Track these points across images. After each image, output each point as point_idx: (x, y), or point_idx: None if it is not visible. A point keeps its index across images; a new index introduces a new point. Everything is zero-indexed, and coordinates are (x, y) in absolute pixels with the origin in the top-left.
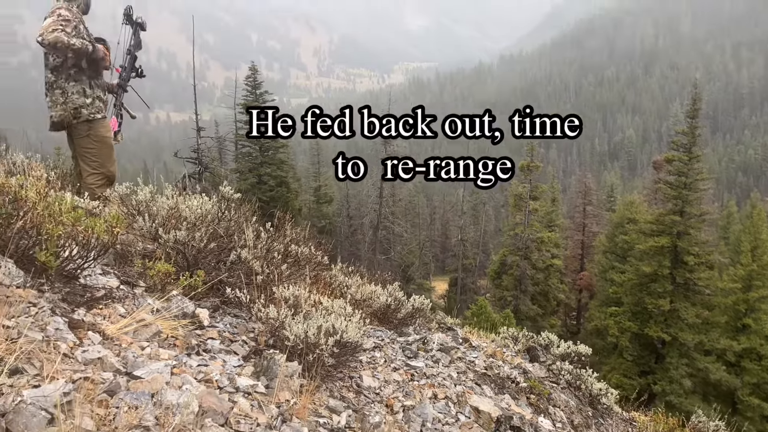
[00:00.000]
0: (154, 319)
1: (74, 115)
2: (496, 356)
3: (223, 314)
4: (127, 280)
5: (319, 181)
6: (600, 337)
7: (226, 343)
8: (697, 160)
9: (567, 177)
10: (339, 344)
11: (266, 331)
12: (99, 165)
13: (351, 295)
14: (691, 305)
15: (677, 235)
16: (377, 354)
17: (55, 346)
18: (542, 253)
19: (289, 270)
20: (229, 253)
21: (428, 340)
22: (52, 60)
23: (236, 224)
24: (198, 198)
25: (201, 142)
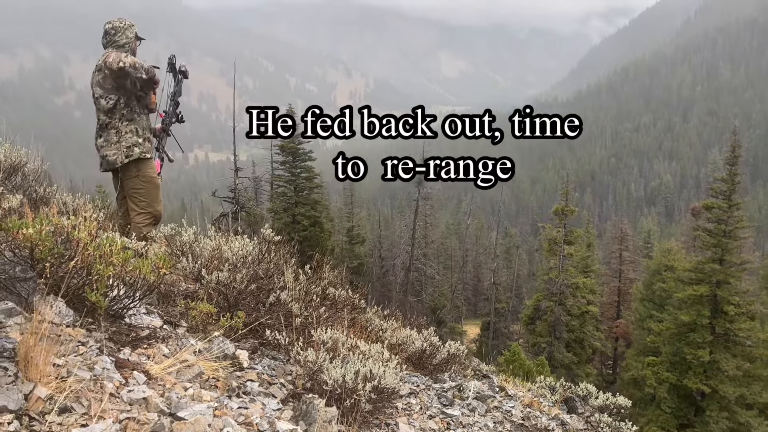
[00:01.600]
0: (197, 360)
1: (127, 154)
2: (533, 406)
3: (262, 356)
4: (169, 320)
5: (352, 222)
6: (637, 388)
7: (264, 385)
8: (737, 208)
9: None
10: (376, 390)
11: (304, 375)
12: (147, 204)
13: (387, 340)
14: (731, 356)
15: (717, 284)
16: (413, 400)
17: (102, 385)
18: (577, 299)
19: (327, 313)
20: (268, 294)
21: (464, 388)
22: (105, 103)
23: (276, 266)
24: (240, 240)
25: (238, 182)
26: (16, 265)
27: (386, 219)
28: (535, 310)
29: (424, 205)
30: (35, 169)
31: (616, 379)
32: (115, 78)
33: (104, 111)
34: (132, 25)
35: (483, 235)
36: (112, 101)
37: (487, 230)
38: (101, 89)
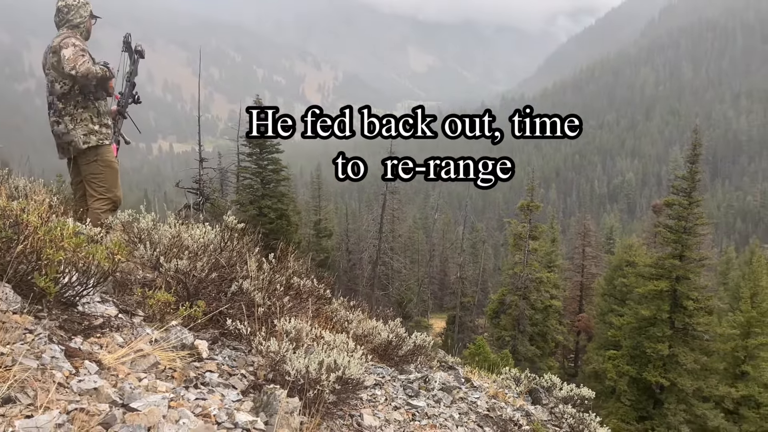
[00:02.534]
0: (152, 350)
1: (84, 141)
2: (498, 397)
3: (223, 346)
4: (125, 309)
5: (320, 215)
6: (598, 381)
7: (224, 376)
8: (696, 205)
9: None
10: (340, 381)
11: (266, 365)
12: (106, 190)
13: (352, 330)
14: (689, 350)
15: (676, 280)
16: (378, 392)
17: (51, 374)
18: (541, 293)
19: (291, 303)
20: (230, 283)
21: (430, 379)
22: (59, 87)
23: (239, 254)
24: (201, 227)
25: (203, 173)
26: None
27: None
28: (500, 304)
29: (391, 199)
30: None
31: (578, 372)
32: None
33: (58, 96)
34: (87, 2)
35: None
36: (66, 86)
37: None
38: (56, 73)
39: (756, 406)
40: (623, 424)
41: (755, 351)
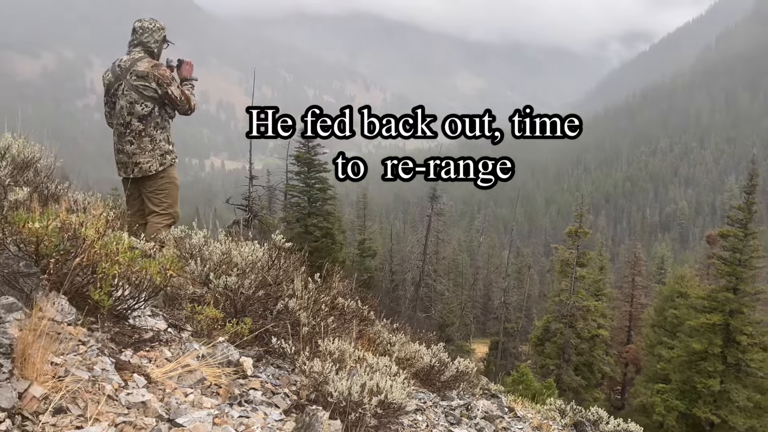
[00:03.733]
0: (199, 366)
1: (161, 162)
2: (542, 429)
3: (267, 364)
4: (174, 323)
5: (364, 234)
6: (645, 415)
7: (268, 394)
8: (753, 237)
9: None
10: (382, 405)
11: (309, 385)
12: (168, 206)
13: (395, 354)
14: (742, 387)
15: (730, 313)
16: (419, 417)
17: (101, 386)
18: (588, 322)
19: (335, 323)
20: (276, 302)
21: (472, 407)
22: (141, 109)
23: (285, 273)
24: (250, 245)
25: (252, 190)
26: (20, 260)
27: (398, 233)
28: (545, 332)
29: (436, 220)
30: (48, 165)
31: (625, 405)
32: (161, 95)
33: (138, 117)
34: (162, 28)
35: (495, 253)
36: (148, 108)
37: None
38: (137, 95)
39: None
40: None
41: None
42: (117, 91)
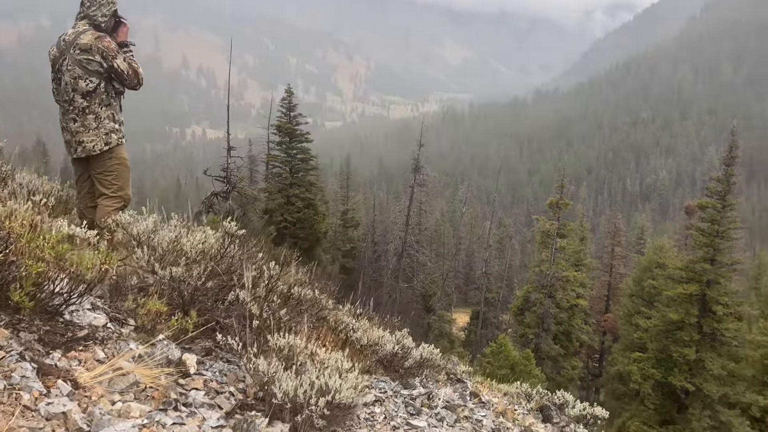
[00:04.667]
0: (134, 367)
1: (106, 141)
2: (506, 415)
3: (215, 359)
4: (116, 317)
5: (347, 205)
6: (622, 383)
7: (211, 394)
8: (731, 209)
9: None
10: (330, 405)
11: (255, 384)
12: (119, 188)
13: (357, 340)
14: (717, 356)
15: (707, 284)
16: (377, 409)
17: (17, 396)
18: (567, 292)
19: (289, 315)
20: (228, 292)
21: (434, 396)
22: (85, 85)
23: (240, 261)
24: (201, 232)
25: (231, 161)
26: None
27: (381, 204)
28: (525, 302)
29: (419, 191)
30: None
31: (602, 373)
32: (106, 68)
33: (82, 93)
34: (112, 2)
35: (477, 224)
36: (93, 84)
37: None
38: (81, 70)
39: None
40: (646, 428)
41: None
42: (62, 67)
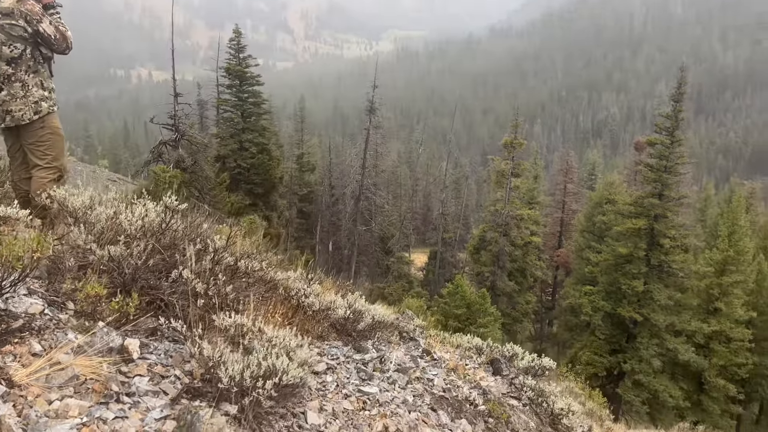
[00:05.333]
0: (73, 360)
1: (35, 110)
2: (457, 371)
3: (161, 338)
4: (54, 300)
5: (302, 149)
6: (574, 315)
7: (155, 380)
8: (678, 144)
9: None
10: (278, 387)
11: (200, 367)
12: (53, 158)
13: (309, 305)
14: (664, 287)
15: (654, 218)
16: (329, 378)
17: None
18: (521, 230)
19: (235, 291)
20: (172, 268)
21: (386, 359)
22: (9, 51)
23: (184, 235)
24: (141, 206)
25: (179, 108)
26: None
27: (337, 147)
28: (481, 241)
29: (375, 134)
30: None
31: (555, 306)
32: (31, 33)
33: (6, 60)
34: None
35: (434, 164)
36: (18, 50)
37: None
38: (4, 35)
39: (726, 341)
40: (597, 357)
41: (729, 288)
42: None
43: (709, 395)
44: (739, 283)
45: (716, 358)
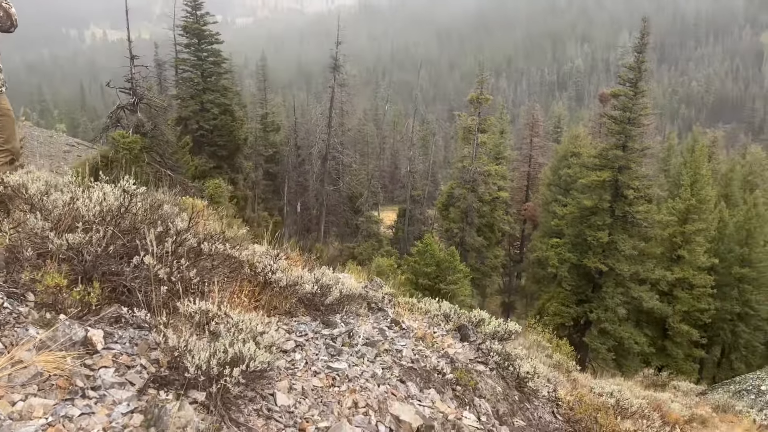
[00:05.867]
0: (34, 358)
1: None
2: (426, 339)
3: (126, 325)
4: (14, 292)
5: (266, 108)
6: (541, 267)
7: (121, 370)
8: (642, 95)
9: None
10: (245, 374)
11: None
12: (4, 141)
13: (276, 281)
14: (628, 237)
15: (618, 170)
16: (297, 356)
17: None
18: (489, 186)
19: (199, 276)
20: (134, 254)
21: (354, 333)
22: None
23: (144, 218)
24: (99, 190)
25: (135, 71)
26: None
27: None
28: (449, 197)
29: (340, 92)
30: None
31: (523, 259)
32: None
33: None
34: None
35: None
36: None
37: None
38: None
39: (689, 288)
40: (564, 308)
41: (692, 236)
42: None
43: (673, 340)
44: (701, 231)
45: (680, 305)
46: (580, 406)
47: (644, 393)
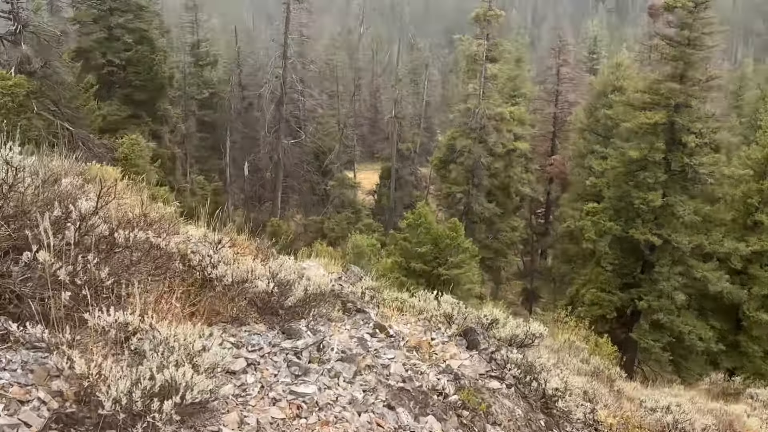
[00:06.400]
0: None
1: None
2: (421, 349)
3: (16, 346)
4: None
5: (198, 35)
6: (573, 242)
7: (12, 407)
8: (704, 6)
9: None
10: (180, 407)
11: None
12: None
13: (218, 279)
14: (689, 198)
15: (675, 109)
16: (250, 378)
17: None
18: (502, 134)
19: (114, 275)
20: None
21: (325, 345)
22: None
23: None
24: None
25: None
26: None
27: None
28: (449, 151)
29: (298, 9)
30: None
31: (549, 232)
32: None
33: None
34: None
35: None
36: None
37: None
38: None
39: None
40: (604, 294)
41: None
42: None
43: (749, 334)
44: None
45: (757, 287)
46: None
47: (711, 406)
